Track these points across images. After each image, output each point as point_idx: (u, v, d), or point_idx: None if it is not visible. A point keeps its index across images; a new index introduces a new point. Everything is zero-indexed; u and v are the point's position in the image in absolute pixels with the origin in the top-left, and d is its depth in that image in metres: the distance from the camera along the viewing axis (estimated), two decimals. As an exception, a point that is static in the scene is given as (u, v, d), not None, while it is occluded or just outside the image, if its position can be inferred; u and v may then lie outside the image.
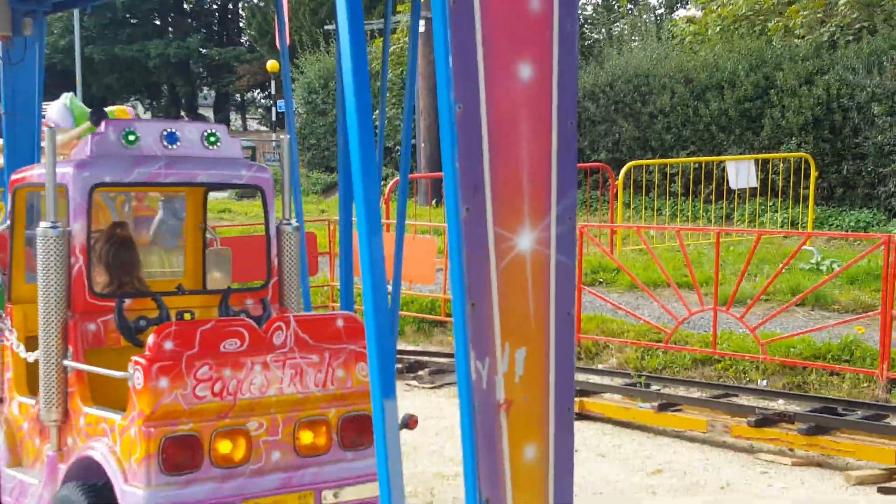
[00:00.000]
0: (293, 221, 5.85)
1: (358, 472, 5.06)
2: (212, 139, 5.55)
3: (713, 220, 18.56)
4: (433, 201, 21.10)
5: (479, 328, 2.68)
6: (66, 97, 9.90)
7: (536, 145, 2.74)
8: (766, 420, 8.32)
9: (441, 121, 2.65)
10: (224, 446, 4.73)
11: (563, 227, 2.78)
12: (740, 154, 18.92)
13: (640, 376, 10.00)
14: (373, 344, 2.76)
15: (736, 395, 9.45)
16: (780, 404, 9.17)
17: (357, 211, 2.79)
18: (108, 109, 10.57)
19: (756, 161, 17.60)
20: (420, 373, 10.88)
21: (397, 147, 24.84)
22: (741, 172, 16.92)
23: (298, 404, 4.92)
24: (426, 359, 11.23)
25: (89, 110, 10.57)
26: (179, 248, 6.66)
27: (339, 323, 5.09)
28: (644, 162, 18.44)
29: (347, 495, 5.02)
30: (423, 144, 22.52)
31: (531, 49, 2.72)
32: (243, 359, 4.78)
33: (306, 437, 4.96)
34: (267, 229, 5.76)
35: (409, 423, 4.19)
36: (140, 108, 50.69)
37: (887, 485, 7.33)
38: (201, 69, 53.34)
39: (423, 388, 10.60)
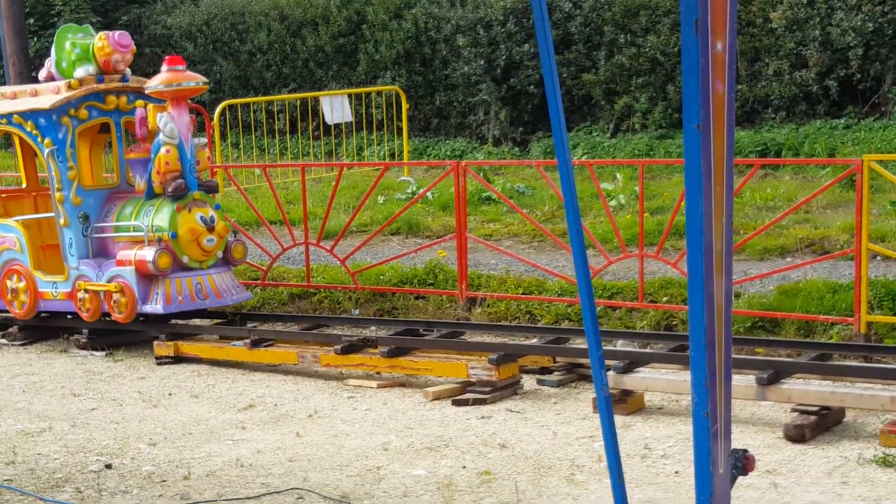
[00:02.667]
0: None
1: None
2: None
3: (318, 156, 18.85)
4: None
5: None
6: None
7: None
8: (352, 346, 8.64)
9: None
10: None
11: None
12: (340, 89, 19.27)
13: (234, 315, 10.10)
14: None
15: (328, 326, 9.73)
16: (371, 331, 9.54)
17: None
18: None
19: (350, 96, 17.99)
20: (9, 330, 10.49)
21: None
22: (335, 108, 17.24)
23: None
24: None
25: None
26: None
27: None
28: (240, 101, 18.41)
29: None
30: (13, 91, 21.42)
31: None
32: None
33: None
34: None
35: None
36: None
37: (460, 397, 7.82)
38: None
39: (13, 345, 10.23)
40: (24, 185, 11.00)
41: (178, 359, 9.38)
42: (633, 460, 6.36)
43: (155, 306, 9.35)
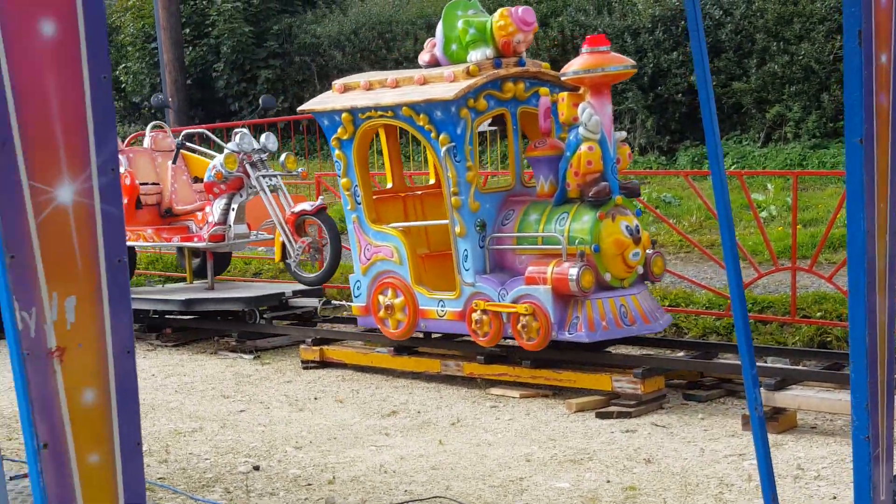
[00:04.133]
0: None
1: None
2: None
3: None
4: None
5: (21, 280, 2.79)
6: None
7: (68, 100, 2.84)
8: (496, 356, 8.62)
9: None
10: None
11: (105, 178, 2.91)
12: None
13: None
14: None
15: (467, 335, 9.71)
16: (514, 341, 9.49)
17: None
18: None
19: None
20: (164, 331, 10.78)
21: (145, 102, 24.27)
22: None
23: None
24: (170, 317, 11.11)
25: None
26: None
27: None
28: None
29: None
30: (170, 99, 22.06)
31: (52, 6, 2.79)
32: None
33: None
34: None
35: None
36: None
37: (604, 410, 7.73)
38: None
39: (166, 346, 10.51)
40: (388, 186, 9.64)
41: (324, 363, 9.49)
42: (784, 481, 6.19)
43: (576, 333, 7.91)
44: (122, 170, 10.54)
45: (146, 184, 10.91)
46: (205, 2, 23.68)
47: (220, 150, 10.63)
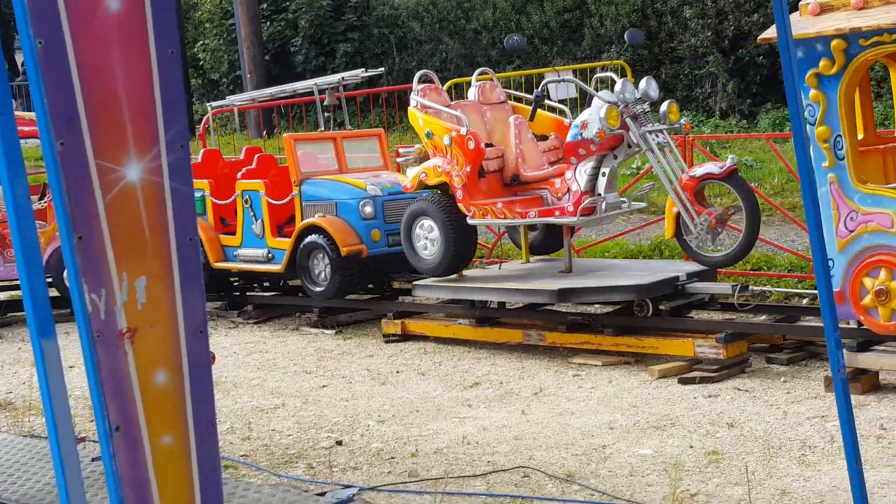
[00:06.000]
0: None
1: None
2: None
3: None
4: (265, 132, 20.93)
5: (89, 260, 2.73)
6: None
7: (135, 77, 2.78)
8: (578, 325, 8.59)
9: (25, 57, 2.67)
10: None
11: (174, 156, 2.85)
12: (564, 65, 19.17)
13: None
14: (25, 286, 2.76)
15: (552, 304, 9.66)
16: (595, 308, 9.46)
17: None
18: None
19: (575, 72, 17.85)
20: (245, 308, 10.90)
21: (223, 79, 24.49)
22: (559, 85, 17.13)
23: None
24: (252, 294, 11.24)
25: None
26: None
27: None
28: (465, 79, 18.50)
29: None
30: (248, 75, 22.25)
31: (116, -21, 2.74)
32: None
33: None
34: None
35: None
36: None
37: (687, 375, 7.67)
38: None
39: (248, 323, 10.64)
40: (858, 137, 7.47)
41: (405, 337, 9.53)
42: (867, 441, 6.10)
43: None
44: (463, 131, 8.77)
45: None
46: (282, -24, 23.83)
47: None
